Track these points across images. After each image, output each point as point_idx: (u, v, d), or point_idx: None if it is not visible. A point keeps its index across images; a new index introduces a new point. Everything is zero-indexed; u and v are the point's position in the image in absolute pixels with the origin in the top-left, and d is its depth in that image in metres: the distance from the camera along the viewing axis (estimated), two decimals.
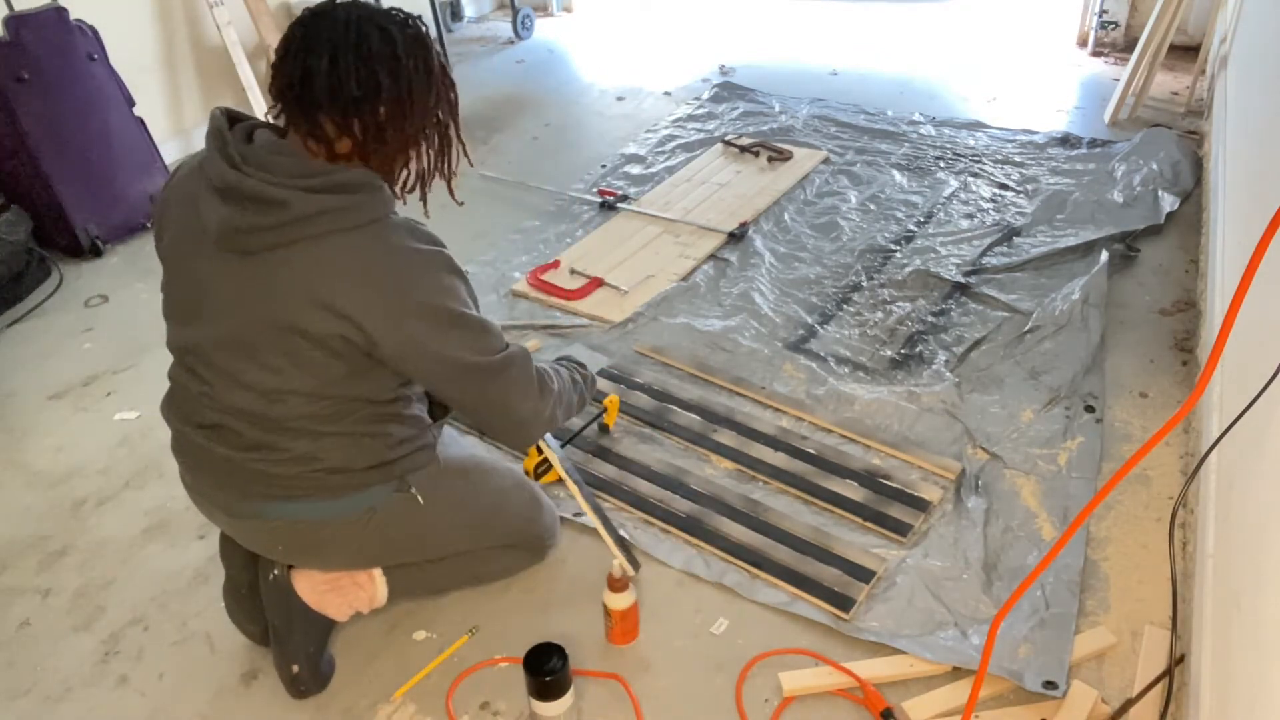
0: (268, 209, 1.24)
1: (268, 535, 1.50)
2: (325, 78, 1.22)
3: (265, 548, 1.54)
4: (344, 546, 1.52)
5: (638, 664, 1.63)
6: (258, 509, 1.45)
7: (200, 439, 1.44)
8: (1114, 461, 1.98)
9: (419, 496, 1.50)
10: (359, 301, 1.26)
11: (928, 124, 3.61)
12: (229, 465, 1.43)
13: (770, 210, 3.06)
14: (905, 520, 1.84)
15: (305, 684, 1.57)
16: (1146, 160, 3.08)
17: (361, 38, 1.23)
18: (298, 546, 1.51)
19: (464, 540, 1.67)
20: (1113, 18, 4.21)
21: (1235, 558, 1.38)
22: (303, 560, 1.56)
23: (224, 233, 1.28)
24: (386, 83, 1.24)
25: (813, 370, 2.29)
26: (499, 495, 1.68)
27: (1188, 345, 2.31)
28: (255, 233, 1.26)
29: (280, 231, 1.25)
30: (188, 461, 1.50)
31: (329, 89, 1.23)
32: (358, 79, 1.23)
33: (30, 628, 1.78)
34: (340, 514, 1.46)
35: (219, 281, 1.33)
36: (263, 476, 1.41)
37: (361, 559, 1.60)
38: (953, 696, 1.51)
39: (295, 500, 1.43)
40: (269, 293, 1.28)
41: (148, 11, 3.53)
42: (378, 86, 1.24)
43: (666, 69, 4.41)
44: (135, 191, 3.14)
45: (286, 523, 1.46)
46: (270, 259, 1.27)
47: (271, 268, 1.28)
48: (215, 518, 1.54)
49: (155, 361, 2.52)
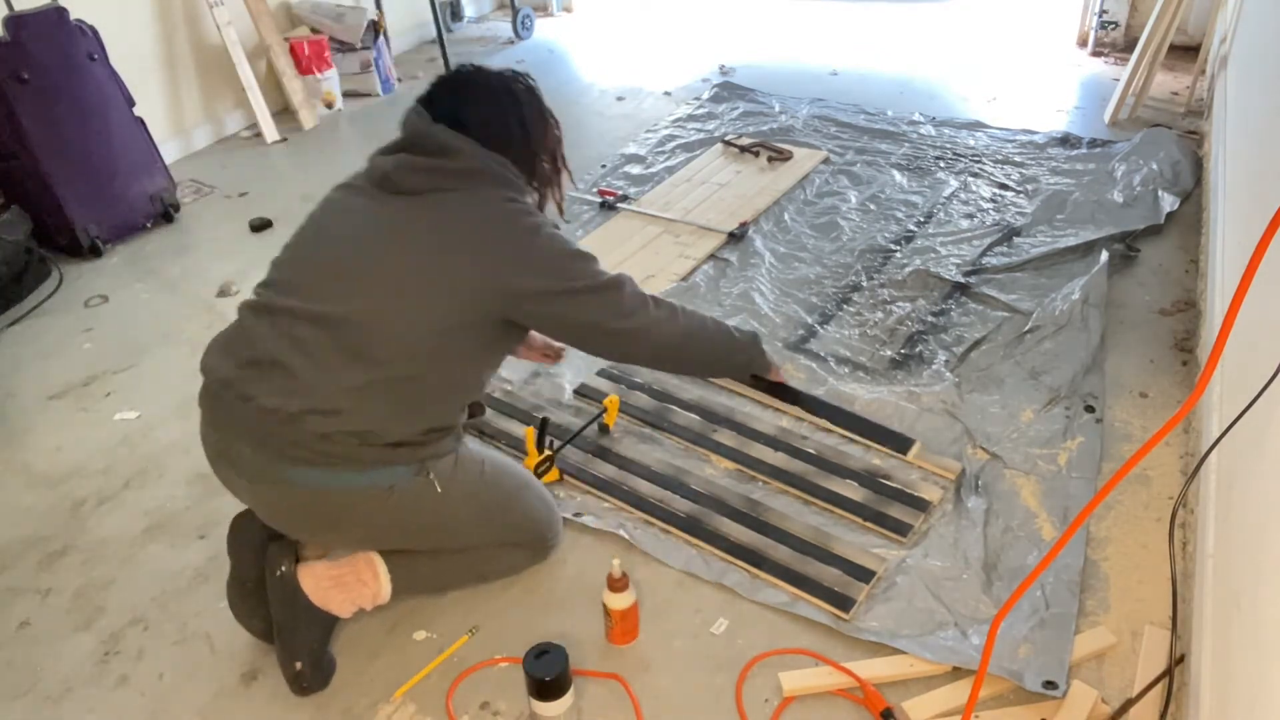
0: (443, 152, 1.50)
1: (288, 503, 1.51)
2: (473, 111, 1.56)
3: (282, 516, 1.55)
4: (360, 521, 1.54)
5: (638, 664, 1.63)
6: (284, 473, 1.47)
7: (244, 385, 1.47)
8: (1114, 461, 1.98)
9: (436, 484, 1.54)
10: (493, 245, 1.49)
11: (928, 124, 3.62)
12: (263, 423, 1.45)
13: (770, 210, 3.06)
14: (905, 520, 1.84)
15: (308, 681, 1.58)
16: (1146, 160, 3.08)
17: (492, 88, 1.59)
18: (315, 517, 1.53)
19: (473, 533, 1.69)
20: (1113, 18, 4.22)
21: (1235, 558, 1.38)
22: (317, 532, 1.58)
23: (396, 168, 1.50)
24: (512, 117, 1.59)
25: (813, 370, 2.29)
26: (510, 492, 1.71)
27: (1188, 345, 2.31)
28: (422, 175, 1.49)
29: (441, 174, 1.49)
30: (218, 417, 1.52)
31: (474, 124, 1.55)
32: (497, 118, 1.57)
33: (30, 628, 1.78)
34: (362, 486, 1.49)
35: (370, 219, 1.52)
36: (296, 437, 1.44)
37: (373, 538, 1.62)
38: (953, 696, 1.51)
39: (320, 467, 1.46)
40: (425, 228, 1.48)
41: (148, 11, 3.53)
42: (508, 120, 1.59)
43: (666, 69, 4.41)
44: (135, 191, 3.14)
45: (309, 491, 1.48)
46: (427, 203, 1.49)
47: (429, 206, 1.49)
48: (234, 484, 1.56)
49: (155, 361, 2.52)
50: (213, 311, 2.74)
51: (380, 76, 4.29)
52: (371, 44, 4.22)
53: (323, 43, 4.07)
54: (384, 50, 4.30)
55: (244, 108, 3.92)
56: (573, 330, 1.62)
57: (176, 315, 2.73)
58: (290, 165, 3.71)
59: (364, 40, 4.20)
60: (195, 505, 2.04)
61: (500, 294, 1.49)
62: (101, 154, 3.03)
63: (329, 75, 4.11)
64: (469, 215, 1.49)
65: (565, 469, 2.01)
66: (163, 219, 3.24)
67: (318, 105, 4.09)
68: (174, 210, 3.26)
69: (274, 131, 3.88)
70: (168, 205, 3.24)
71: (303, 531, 1.59)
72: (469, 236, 1.48)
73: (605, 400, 2.13)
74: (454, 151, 1.50)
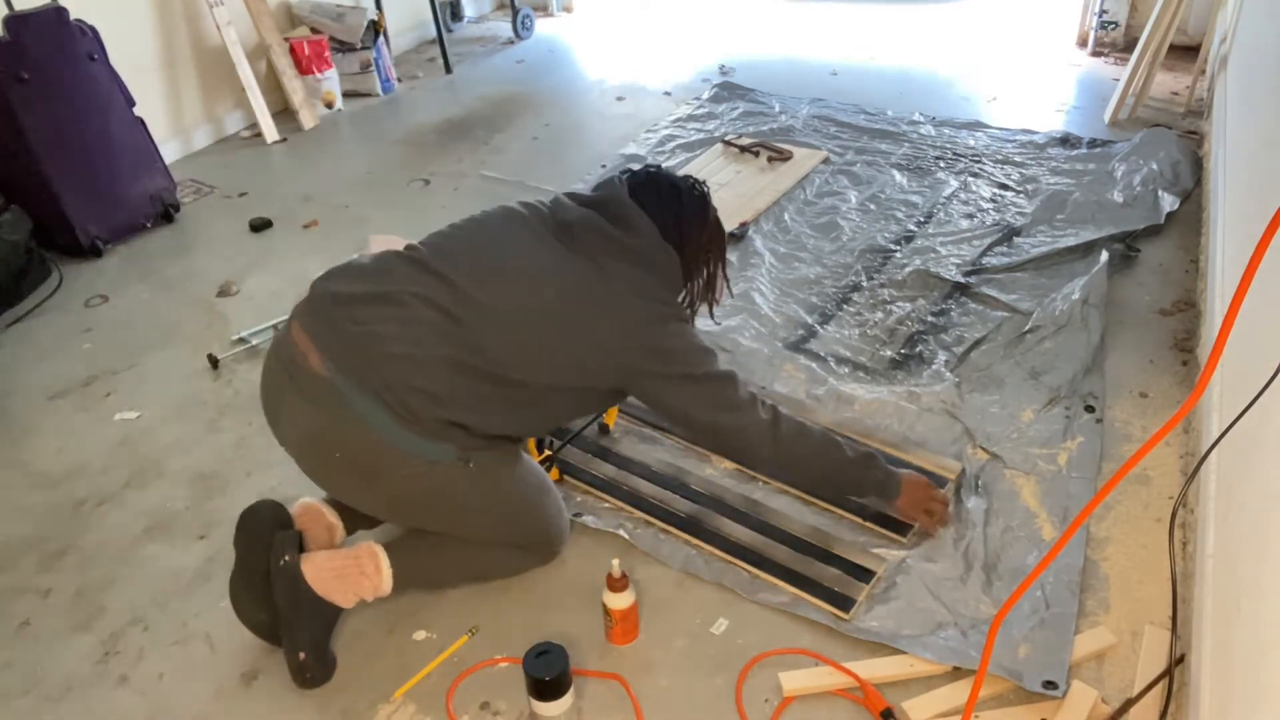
0: (628, 227, 1.61)
1: (335, 435, 1.53)
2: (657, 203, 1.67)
3: (321, 451, 1.57)
4: (391, 482, 1.56)
5: (638, 664, 1.63)
6: (352, 398, 1.50)
7: (358, 309, 1.54)
8: (1114, 461, 1.98)
9: (475, 474, 1.59)
10: (629, 326, 1.60)
11: (928, 124, 3.61)
12: (364, 346, 1.51)
13: (770, 210, 3.06)
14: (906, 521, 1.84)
15: (311, 671, 1.58)
16: (1146, 160, 3.08)
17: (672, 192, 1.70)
18: (353, 460, 1.55)
19: (489, 528, 1.70)
20: (1113, 18, 4.21)
21: (1235, 558, 1.38)
22: (347, 477, 1.59)
23: (581, 222, 1.61)
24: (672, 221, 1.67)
25: (813, 370, 2.29)
26: (532, 494, 1.73)
27: (1188, 345, 2.31)
28: (599, 236, 1.60)
29: (617, 246, 1.60)
30: (316, 325, 1.56)
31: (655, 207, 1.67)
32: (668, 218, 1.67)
33: (30, 628, 1.78)
34: (407, 450, 1.52)
35: (540, 248, 1.61)
36: (386, 373, 1.50)
37: (395, 505, 1.65)
38: (953, 696, 1.51)
39: (386, 411, 1.50)
40: (585, 283, 1.58)
41: (148, 11, 3.53)
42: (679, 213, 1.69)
43: (666, 69, 4.41)
44: (135, 192, 3.14)
45: (361, 429, 1.50)
46: (592, 262, 1.59)
47: (595, 268, 1.59)
48: (286, 410, 1.58)
49: (155, 362, 2.52)
50: (213, 311, 2.74)
51: (380, 76, 4.29)
52: (371, 44, 4.22)
53: (323, 43, 4.07)
54: (384, 50, 4.30)
55: (244, 108, 3.92)
56: (673, 414, 1.71)
57: (176, 315, 2.73)
58: (290, 165, 3.71)
59: (364, 40, 4.20)
60: (195, 505, 2.04)
61: (619, 370, 1.61)
62: (101, 154, 3.03)
63: (329, 75, 4.11)
64: (624, 291, 1.60)
65: (565, 469, 2.01)
66: (163, 219, 3.24)
67: (318, 105, 4.09)
68: (174, 210, 3.26)
69: (274, 131, 3.88)
70: (168, 205, 3.24)
71: (333, 474, 1.60)
72: (616, 308, 1.59)
73: None
74: (638, 230, 1.62)
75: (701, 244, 1.71)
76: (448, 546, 1.72)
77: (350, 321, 1.54)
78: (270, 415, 1.63)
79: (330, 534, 1.73)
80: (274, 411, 1.62)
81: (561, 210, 1.65)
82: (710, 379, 1.65)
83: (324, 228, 3.18)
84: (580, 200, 1.67)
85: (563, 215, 1.63)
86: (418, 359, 1.51)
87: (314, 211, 3.30)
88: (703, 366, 1.65)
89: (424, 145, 3.77)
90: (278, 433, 1.64)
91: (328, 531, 1.72)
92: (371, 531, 1.80)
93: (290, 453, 1.64)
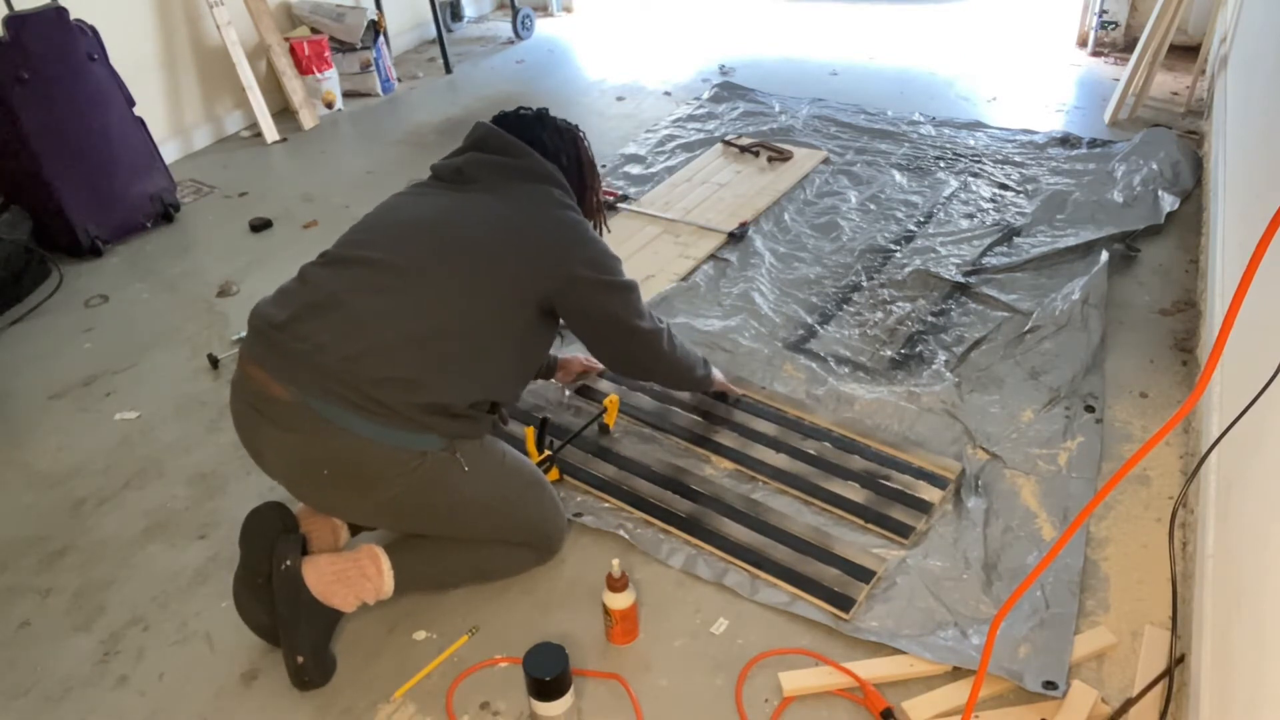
0: (510, 152, 1.68)
1: (318, 453, 1.52)
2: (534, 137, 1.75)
3: (309, 470, 1.55)
4: (384, 485, 1.55)
5: (638, 664, 1.63)
6: (325, 413, 1.49)
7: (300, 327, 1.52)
8: (1114, 461, 1.98)
9: (464, 463, 1.58)
10: (557, 233, 1.65)
11: (928, 124, 3.61)
12: (318, 361, 1.50)
13: (770, 210, 3.06)
14: (907, 522, 1.84)
15: (310, 674, 1.58)
16: (1146, 160, 3.08)
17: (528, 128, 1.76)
18: (341, 472, 1.53)
19: (485, 523, 1.69)
20: (1113, 18, 4.22)
21: (1235, 558, 1.38)
22: (338, 489, 1.57)
23: (468, 163, 1.68)
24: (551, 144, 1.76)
25: (813, 370, 2.29)
26: (525, 488, 1.73)
27: (1188, 345, 2.31)
28: (489, 168, 1.67)
29: (508, 169, 1.67)
30: (266, 356, 1.54)
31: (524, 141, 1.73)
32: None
33: (30, 628, 1.78)
34: (394, 446, 1.51)
35: (444, 202, 1.67)
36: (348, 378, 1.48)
37: (391, 508, 1.61)
38: (953, 696, 1.51)
39: (361, 414, 1.49)
40: (499, 211, 1.63)
41: (148, 11, 3.53)
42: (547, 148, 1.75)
43: (666, 69, 4.41)
44: (135, 191, 3.14)
45: (342, 440, 1.49)
46: (492, 194, 1.65)
47: (501, 195, 1.65)
48: (263, 441, 1.57)
49: (155, 361, 2.52)
50: (213, 311, 2.74)
51: (380, 76, 4.29)
52: (371, 44, 4.22)
53: (323, 43, 4.07)
54: (384, 50, 4.30)
55: (244, 108, 3.92)
56: (600, 323, 1.74)
57: (176, 315, 2.73)
58: (290, 165, 3.71)
59: (364, 40, 4.20)
60: (195, 505, 2.04)
61: (554, 277, 1.64)
62: (101, 154, 3.03)
63: (329, 75, 4.11)
64: (538, 205, 1.67)
65: (565, 469, 2.02)
66: (163, 219, 3.24)
67: (318, 105, 4.09)
68: (174, 210, 3.26)
69: (274, 131, 3.88)
70: (168, 205, 3.24)
71: (324, 489, 1.59)
72: (538, 222, 1.65)
73: (605, 400, 2.13)
74: (522, 153, 1.69)
75: (585, 174, 1.81)
76: (448, 547, 1.72)
77: (295, 340, 1.52)
78: (253, 453, 1.63)
79: (335, 535, 1.73)
80: (255, 449, 1.61)
81: (445, 168, 1.73)
82: (629, 287, 1.74)
83: (324, 228, 3.18)
84: (457, 151, 1.75)
85: (448, 168, 1.72)
86: (374, 349, 1.51)
87: (314, 211, 3.30)
88: (621, 274, 1.74)
89: (424, 145, 3.77)
90: (265, 468, 1.63)
91: (332, 533, 1.72)
92: (374, 533, 1.80)
93: (281, 483, 1.64)
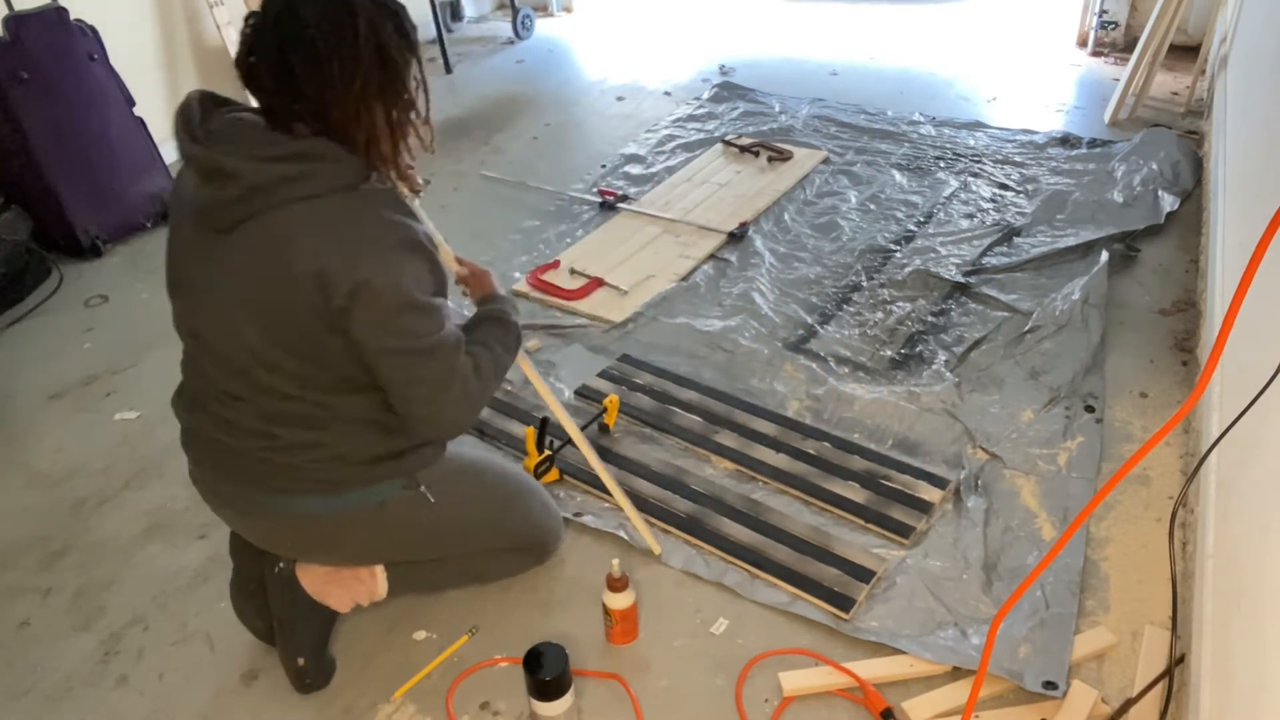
0: (226, 181, 1.26)
1: (279, 531, 1.50)
2: (260, 62, 1.29)
3: (276, 544, 1.54)
4: (355, 542, 1.53)
5: (638, 664, 1.63)
6: (270, 503, 1.45)
7: (210, 429, 1.44)
8: (1114, 461, 1.98)
9: (429, 495, 1.51)
10: (317, 256, 1.25)
11: (928, 124, 3.61)
12: (238, 458, 1.43)
13: (770, 210, 3.06)
14: (907, 522, 1.84)
15: (310, 676, 1.58)
16: (1146, 160, 3.08)
17: (278, 21, 1.26)
18: (309, 543, 1.52)
19: (474, 540, 1.68)
20: (1113, 18, 4.22)
21: (1235, 558, 1.38)
22: (314, 556, 1.56)
23: (198, 210, 1.31)
24: (297, 60, 1.25)
25: (813, 370, 2.29)
26: (510, 497, 1.69)
27: (1188, 345, 2.31)
28: (221, 207, 1.28)
29: (243, 204, 1.26)
30: (197, 455, 1.50)
31: (266, 73, 1.28)
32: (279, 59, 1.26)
33: (30, 628, 1.78)
34: (350, 508, 1.46)
35: (202, 261, 1.35)
36: (271, 468, 1.41)
37: (373, 555, 1.60)
38: (953, 696, 1.51)
39: (306, 495, 1.44)
40: (245, 267, 1.29)
41: (148, 11, 3.53)
42: (290, 67, 1.25)
43: (666, 69, 4.41)
44: (135, 191, 3.14)
45: (297, 518, 1.46)
46: (241, 233, 1.28)
47: (243, 241, 1.28)
48: (225, 515, 1.54)
49: (155, 361, 2.52)
50: None
51: None
52: None
53: None
54: None
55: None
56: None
57: None
58: None
59: None
60: (195, 505, 2.03)
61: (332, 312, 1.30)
62: (101, 154, 3.03)
63: None
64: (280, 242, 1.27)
65: (565, 469, 2.01)
66: (163, 219, 3.24)
67: None
68: None
69: None
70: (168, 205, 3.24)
71: (302, 555, 1.57)
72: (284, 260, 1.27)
73: (605, 400, 2.13)
74: (232, 176, 1.26)
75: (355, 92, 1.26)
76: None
77: (214, 444, 1.43)
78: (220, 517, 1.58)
79: None
80: (221, 516, 1.57)
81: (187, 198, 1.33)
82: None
83: None
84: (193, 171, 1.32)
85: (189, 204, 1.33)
86: (288, 438, 1.38)
87: None
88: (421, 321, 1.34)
89: None
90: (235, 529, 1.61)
91: None
92: None
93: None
